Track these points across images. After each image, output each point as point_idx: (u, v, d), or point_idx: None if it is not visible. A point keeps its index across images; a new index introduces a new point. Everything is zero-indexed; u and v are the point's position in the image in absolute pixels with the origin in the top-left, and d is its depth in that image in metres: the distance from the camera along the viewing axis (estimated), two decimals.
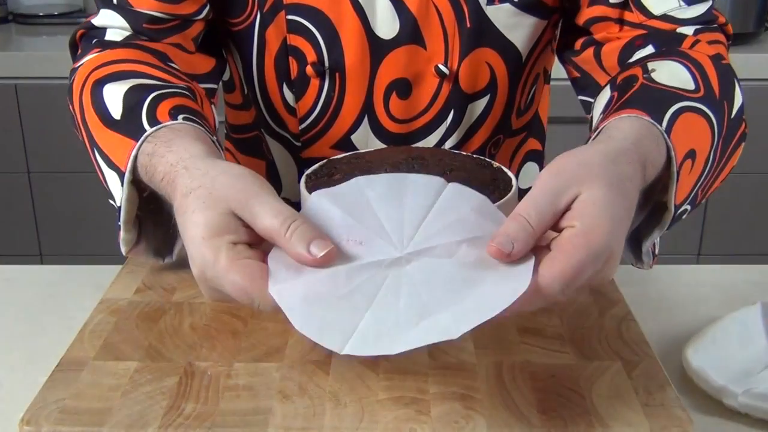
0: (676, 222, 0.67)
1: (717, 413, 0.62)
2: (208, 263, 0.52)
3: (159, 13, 0.79)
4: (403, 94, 0.82)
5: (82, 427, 0.52)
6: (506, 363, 0.58)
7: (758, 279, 0.83)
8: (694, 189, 0.67)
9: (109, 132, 0.68)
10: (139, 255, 0.71)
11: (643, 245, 0.68)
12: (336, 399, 0.54)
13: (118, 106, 0.68)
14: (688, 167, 0.64)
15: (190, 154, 0.59)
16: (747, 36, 2.01)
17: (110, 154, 0.67)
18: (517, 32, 0.81)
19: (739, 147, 0.73)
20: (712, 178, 0.70)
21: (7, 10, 2.26)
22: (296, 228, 0.52)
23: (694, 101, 0.67)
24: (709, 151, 0.67)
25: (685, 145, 0.64)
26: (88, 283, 0.81)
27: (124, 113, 0.67)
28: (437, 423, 0.52)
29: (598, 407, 0.53)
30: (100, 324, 0.64)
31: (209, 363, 0.58)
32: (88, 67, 0.74)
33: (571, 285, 0.50)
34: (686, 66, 0.70)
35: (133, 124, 0.66)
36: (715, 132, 0.67)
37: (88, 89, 0.72)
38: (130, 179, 0.64)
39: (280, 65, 0.83)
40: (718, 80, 0.70)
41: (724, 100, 0.70)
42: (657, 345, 0.70)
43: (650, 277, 0.83)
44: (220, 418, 0.53)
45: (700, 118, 0.66)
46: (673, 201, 0.64)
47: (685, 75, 0.69)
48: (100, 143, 0.69)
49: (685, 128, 0.64)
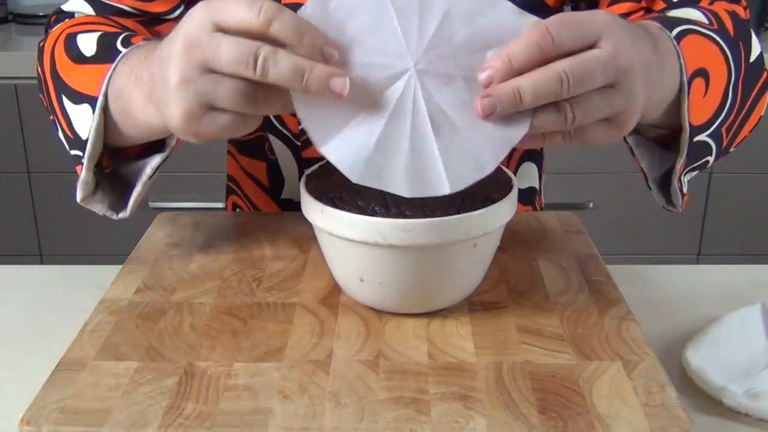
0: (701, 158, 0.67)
1: (717, 413, 0.62)
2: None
3: (128, 8, 0.80)
4: None
5: (82, 427, 0.52)
6: (506, 363, 0.58)
7: (758, 279, 0.83)
8: (715, 121, 0.66)
9: (82, 66, 0.68)
10: (93, 205, 0.71)
11: (672, 181, 0.67)
12: (336, 399, 0.55)
13: (92, 47, 0.69)
14: (701, 87, 0.63)
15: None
16: None
17: (81, 87, 0.67)
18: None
19: (763, 96, 0.73)
20: (737, 122, 0.70)
21: (7, 10, 2.26)
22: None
23: (705, 29, 0.66)
24: (726, 83, 0.66)
25: (696, 61, 0.63)
26: (88, 283, 0.81)
27: (98, 50, 0.68)
28: (437, 423, 0.52)
29: (598, 407, 0.53)
30: (100, 324, 0.64)
31: (209, 363, 0.58)
32: (59, 29, 0.76)
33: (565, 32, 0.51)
34: (701, 10, 0.71)
35: (107, 54, 0.66)
36: (731, 65, 0.67)
37: (61, 41, 0.72)
38: (103, 103, 0.65)
39: None
40: (732, 25, 0.70)
41: (739, 40, 0.69)
42: (657, 345, 0.70)
43: (650, 277, 0.83)
44: (220, 418, 0.53)
45: (710, 44, 0.66)
46: (687, 118, 0.62)
47: (699, 14, 0.70)
48: (69, 82, 0.69)
49: (694, 46, 0.63)
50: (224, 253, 0.75)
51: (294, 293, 0.68)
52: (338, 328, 0.63)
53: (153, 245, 0.77)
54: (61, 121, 0.71)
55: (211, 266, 0.73)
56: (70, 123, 0.69)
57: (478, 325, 0.63)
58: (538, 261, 0.73)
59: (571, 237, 0.78)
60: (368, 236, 0.59)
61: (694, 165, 0.69)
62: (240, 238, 0.78)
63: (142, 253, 0.76)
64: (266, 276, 0.71)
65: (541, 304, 0.66)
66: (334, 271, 0.67)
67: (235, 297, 0.68)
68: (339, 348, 0.60)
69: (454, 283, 0.64)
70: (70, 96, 0.69)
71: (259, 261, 0.74)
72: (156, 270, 0.72)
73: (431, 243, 0.59)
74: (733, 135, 0.71)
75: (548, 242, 0.77)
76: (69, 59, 0.70)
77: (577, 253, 0.75)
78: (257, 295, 0.68)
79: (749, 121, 0.73)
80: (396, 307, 0.64)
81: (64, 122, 0.70)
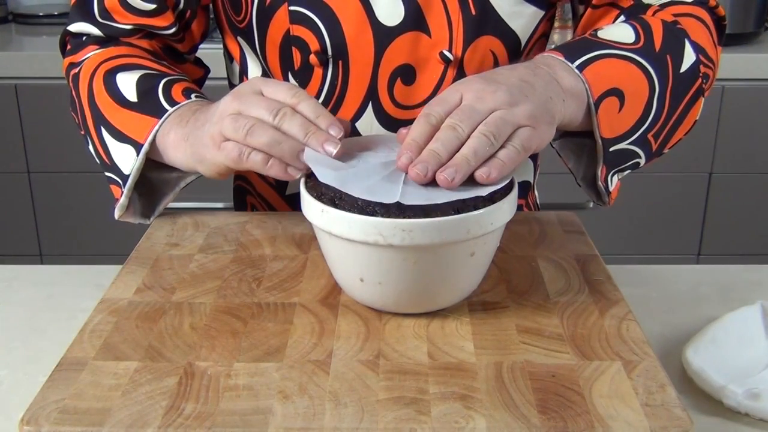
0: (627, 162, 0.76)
1: (717, 413, 0.62)
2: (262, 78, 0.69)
3: (131, 26, 0.86)
4: (407, 80, 0.84)
5: (82, 427, 0.52)
6: (506, 363, 0.58)
7: (758, 279, 0.83)
8: (637, 131, 0.75)
9: (126, 111, 0.79)
10: (127, 218, 0.81)
11: (597, 182, 0.76)
12: (336, 399, 0.55)
13: (132, 91, 0.79)
14: (614, 104, 0.72)
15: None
16: (747, 36, 2.01)
17: (125, 129, 0.79)
18: (517, 20, 0.84)
19: (697, 101, 0.79)
20: (666, 128, 0.77)
21: (7, 10, 2.26)
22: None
23: (626, 51, 0.74)
24: (649, 96, 0.74)
25: (605, 83, 0.72)
26: (88, 283, 0.81)
27: (140, 96, 0.79)
28: (437, 423, 0.52)
29: (598, 407, 0.53)
30: (100, 324, 0.64)
31: (209, 363, 0.58)
32: (95, 60, 0.84)
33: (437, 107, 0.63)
34: (632, 25, 0.78)
35: (151, 104, 0.78)
36: (652, 78, 0.74)
37: (100, 77, 0.82)
38: (147, 150, 0.77)
39: (284, 56, 0.84)
40: (662, 37, 0.77)
41: (666, 54, 0.76)
42: (657, 345, 0.70)
43: (650, 277, 0.83)
44: (220, 418, 0.53)
45: (626, 64, 0.74)
46: (598, 132, 0.72)
47: (628, 32, 0.77)
48: (111, 120, 0.80)
49: (606, 70, 0.72)
50: (224, 253, 0.75)
51: (294, 293, 0.68)
52: (338, 328, 0.63)
53: (153, 245, 0.77)
54: (98, 146, 0.82)
55: (211, 266, 0.73)
56: (108, 153, 0.80)
57: (478, 325, 0.63)
58: (538, 261, 0.73)
59: (571, 237, 0.78)
60: (368, 236, 0.59)
61: (621, 167, 0.77)
62: (240, 238, 0.78)
63: (142, 253, 0.76)
64: (266, 276, 0.71)
65: (541, 304, 0.66)
66: (334, 271, 0.67)
67: (235, 297, 0.68)
68: (339, 348, 0.60)
69: (454, 283, 0.64)
70: (111, 132, 0.80)
71: (259, 261, 0.74)
72: (156, 270, 0.72)
73: (431, 243, 0.59)
74: (663, 139, 0.79)
75: (548, 242, 0.77)
76: (111, 99, 0.80)
77: (577, 253, 0.75)
78: (257, 295, 0.68)
79: (682, 125, 0.80)
80: (396, 307, 0.64)
81: (102, 149, 0.81)
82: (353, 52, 0.82)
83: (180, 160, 0.76)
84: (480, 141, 0.61)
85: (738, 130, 1.96)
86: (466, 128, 0.61)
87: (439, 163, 0.60)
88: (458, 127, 0.61)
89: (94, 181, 1.99)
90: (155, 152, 0.78)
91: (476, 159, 0.60)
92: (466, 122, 0.61)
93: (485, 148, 0.61)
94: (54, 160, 2.00)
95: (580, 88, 0.70)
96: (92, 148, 0.83)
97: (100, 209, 2.04)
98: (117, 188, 0.80)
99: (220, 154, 0.68)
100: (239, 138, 0.66)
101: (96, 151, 0.82)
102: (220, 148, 0.68)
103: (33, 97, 1.94)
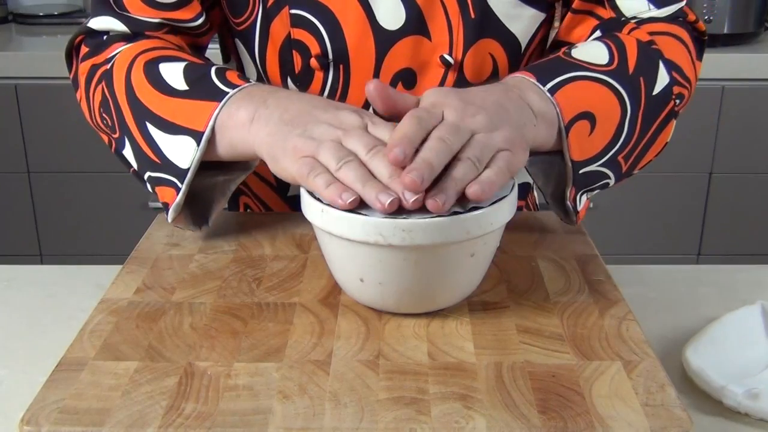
0: (596, 182, 0.75)
1: (717, 413, 0.62)
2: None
3: (157, 20, 0.82)
4: (408, 83, 0.84)
5: (82, 427, 0.52)
6: (506, 363, 0.58)
7: (758, 279, 0.83)
8: (607, 154, 0.74)
9: (176, 100, 0.73)
10: (180, 223, 0.76)
11: (565, 201, 0.75)
12: (336, 399, 0.55)
13: (180, 80, 0.74)
14: (585, 128, 0.71)
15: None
16: (747, 36, 2.01)
17: (178, 120, 0.73)
18: (517, 23, 0.84)
19: (668, 123, 0.79)
20: (637, 150, 0.77)
21: (7, 10, 2.27)
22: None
23: (598, 73, 0.74)
24: (621, 119, 0.74)
25: (576, 106, 0.71)
26: (88, 283, 0.81)
27: (190, 84, 0.73)
28: (437, 423, 0.52)
29: (598, 407, 0.54)
30: (100, 324, 0.64)
31: (209, 363, 0.59)
32: (128, 54, 0.79)
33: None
34: (607, 45, 0.77)
35: (206, 89, 0.72)
36: (625, 101, 0.74)
37: (140, 69, 0.77)
38: (209, 137, 0.71)
39: (284, 60, 0.84)
40: (636, 59, 0.76)
41: (639, 76, 0.75)
42: (657, 345, 0.70)
43: (650, 277, 0.83)
44: (220, 418, 0.53)
45: (599, 86, 0.73)
46: (568, 155, 0.71)
47: (602, 52, 0.76)
48: (159, 112, 0.74)
49: (578, 93, 0.72)
50: (224, 253, 0.75)
51: (294, 293, 0.68)
52: (338, 328, 0.63)
53: (153, 245, 0.77)
54: (142, 145, 0.75)
55: (211, 266, 0.73)
56: (157, 150, 0.74)
57: (478, 325, 0.63)
58: (538, 261, 0.73)
59: (571, 237, 0.78)
60: (368, 236, 0.59)
61: (590, 188, 0.76)
62: (240, 238, 0.79)
63: (142, 253, 0.76)
64: (266, 276, 0.71)
65: (541, 304, 0.66)
66: (334, 271, 0.67)
67: (235, 297, 0.68)
68: (339, 348, 0.60)
69: (454, 283, 0.64)
70: (160, 125, 0.74)
71: (259, 261, 0.74)
72: (156, 270, 0.72)
73: (431, 243, 0.59)
74: (633, 161, 0.78)
75: (548, 242, 0.77)
76: (156, 90, 0.75)
77: (577, 253, 0.75)
78: (257, 295, 0.68)
79: (653, 147, 0.79)
80: (396, 307, 0.64)
81: (148, 147, 0.75)
82: (354, 56, 0.82)
83: (248, 142, 0.69)
84: (467, 166, 0.60)
85: (738, 130, 1.96)
86: (455, 145, 0.60)
87: (432, 174, 0.58)
88: (448, 141, 0.60)
89: (94, 181, 2.00)
90: (214, 147, 0.72)
91: (463, 184, 0.59)
92: (454, 138, 0.60)
93: (471, 173, 0.60)
94: (54, 160, 2.00)
95: (552, 112, 0.70)
96: (132, 150, 0.77)
97: (100, 209, 2.04)
98: (167, 189, 0.74)
99: (294, 165, 0.63)
100: (332, 167, 0.61)
101: (139, 152, 0.76)
102: (299, 162, 0.63)
103: (33, 97, 1.94)
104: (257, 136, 0.68)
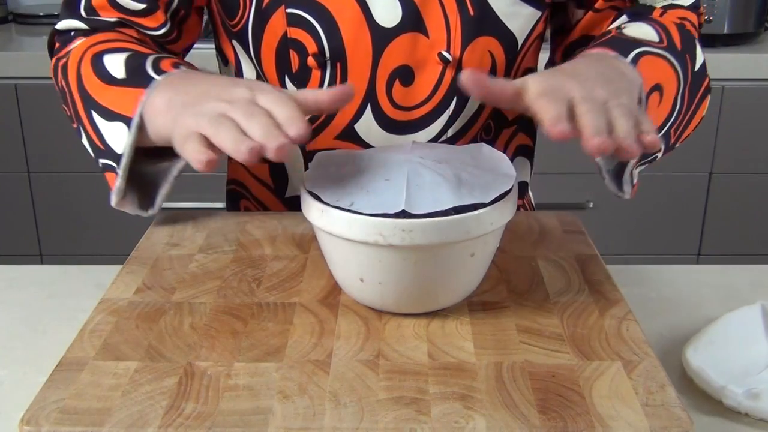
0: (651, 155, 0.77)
1: (717, 413, 0.62)
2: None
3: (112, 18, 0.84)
4: (405, 81, 0.84)
5: (82, 427, 0.52)
6: (506, 363, 0.58)
7: (758, 279, 0.83)
8: (665, 126, 0.77)
9: (114, 88, 0.75)
10: (125, 207, 0.77)
11: (623, 175, 0.77)
12: (336, 399, 0.55)
13: (120, 69, 0.76)
14: (656, 100, 0.74)
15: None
16: (747, 36, 2.01)
17: (114, 107, 0.74)
18: (515, 21, 0.84)
19: (705, 98, 0.84)
20: (682, 123, 0.81)
21: (7, 10, 2.26)
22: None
23: (657, 48, 0.77)
24: (676, 92, 0.77)
25: (651, 78, 0.73)
26: (88, 283, 0.81)
27: (128, 73, 0.75)
28: (437, 423, 0.52)
29: (598, 407, 0.54)
30: (100, 324, 0.64)
31: (209, 363, 0.59)
32: (81, 47, 0.81)
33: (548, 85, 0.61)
34: (652, 26, 0.81)
35: (139, 77, 0.73)
36: (680, 77, 0.78)
37: (87, 60, 0.78)
38: (138, 122, 0.71)
39: (281, 59, 0.84)
40: (680, 38, 0.80)
41: (686, 53, 0.80)
42: (657, 345, 0.70)
43: (650, 277, 0.83)
44: (220, 418, 0.53)
45: (663, 62, 0.77)
46: None
47: (651, 31, 0.80)
48: (101, 101, 0.76)
49: (649, 66, 0.74)
50: (224, 253, 0.75)
51: (294, 293, 0.68)
52: (338, 328, 0.63)
53: (153, 245, 0.77)
54: (90, 132, 0.77)
55: (211, 266, 0.73)
56: (101, 136, 0.75)
57: (478, 325, 0.63)
58: (538, 261, 0.73)
59: (571, 237, 0.78)
60: (368, 236, 0.59)
61: (644, 160, 0.79)
62: (240, 238, 0.78)
63: (142, 253, 0.76)
64: (266, 276, 0.71)
65: (541, 304, 0.66)
66: (334, 271, 0.67)
67: (235, 297, 0.68)
68: (339, 348, 0.60)
69: (454, 283, 0.64)
70: (101, 113, 0.75)
71: (259, 261, 0.74)
72: (156, 270, 0.72)
73: (431, 243, 0.59)
74: (678, 134, 0.82)
75: (548, 242, 0.77)
76: (98, 80, 0.76)
77: (577, 253, 0.75)
78: (257, 295, 0.68)
79: (693, 121, 0.83)
80: (396, 307, 0.64)
81: (94, 134, 0.76)
82: (351, 53, 0.82)
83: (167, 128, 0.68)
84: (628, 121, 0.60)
85: (738, 130, 1.96)
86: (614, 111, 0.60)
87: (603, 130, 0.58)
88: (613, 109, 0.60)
89: (94, 181, 1.99)
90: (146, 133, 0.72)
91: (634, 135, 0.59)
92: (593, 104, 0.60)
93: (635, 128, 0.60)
94: (54, 160, 2.00)
95: (638, 81, 0.71)
96: (86, 139, 0.79)
97: (100, 209, 2.04)
98: (112, 175, 0.75)
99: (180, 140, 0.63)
100: (210, 134, 0.60)
101: (89, 139, 0.78)
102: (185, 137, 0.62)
103: (33, 97, 1.94)
104: (166, 121, 0.69)
